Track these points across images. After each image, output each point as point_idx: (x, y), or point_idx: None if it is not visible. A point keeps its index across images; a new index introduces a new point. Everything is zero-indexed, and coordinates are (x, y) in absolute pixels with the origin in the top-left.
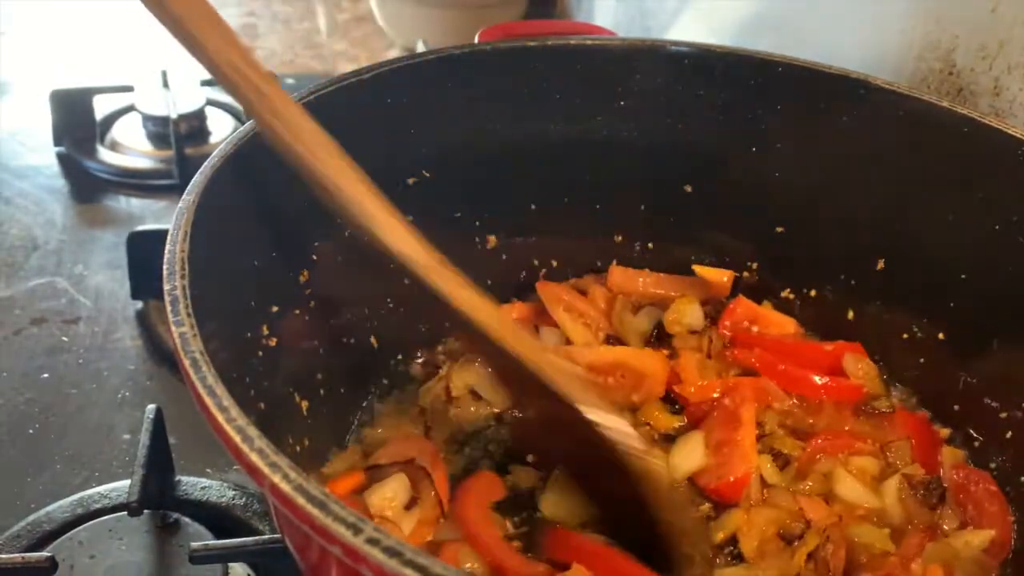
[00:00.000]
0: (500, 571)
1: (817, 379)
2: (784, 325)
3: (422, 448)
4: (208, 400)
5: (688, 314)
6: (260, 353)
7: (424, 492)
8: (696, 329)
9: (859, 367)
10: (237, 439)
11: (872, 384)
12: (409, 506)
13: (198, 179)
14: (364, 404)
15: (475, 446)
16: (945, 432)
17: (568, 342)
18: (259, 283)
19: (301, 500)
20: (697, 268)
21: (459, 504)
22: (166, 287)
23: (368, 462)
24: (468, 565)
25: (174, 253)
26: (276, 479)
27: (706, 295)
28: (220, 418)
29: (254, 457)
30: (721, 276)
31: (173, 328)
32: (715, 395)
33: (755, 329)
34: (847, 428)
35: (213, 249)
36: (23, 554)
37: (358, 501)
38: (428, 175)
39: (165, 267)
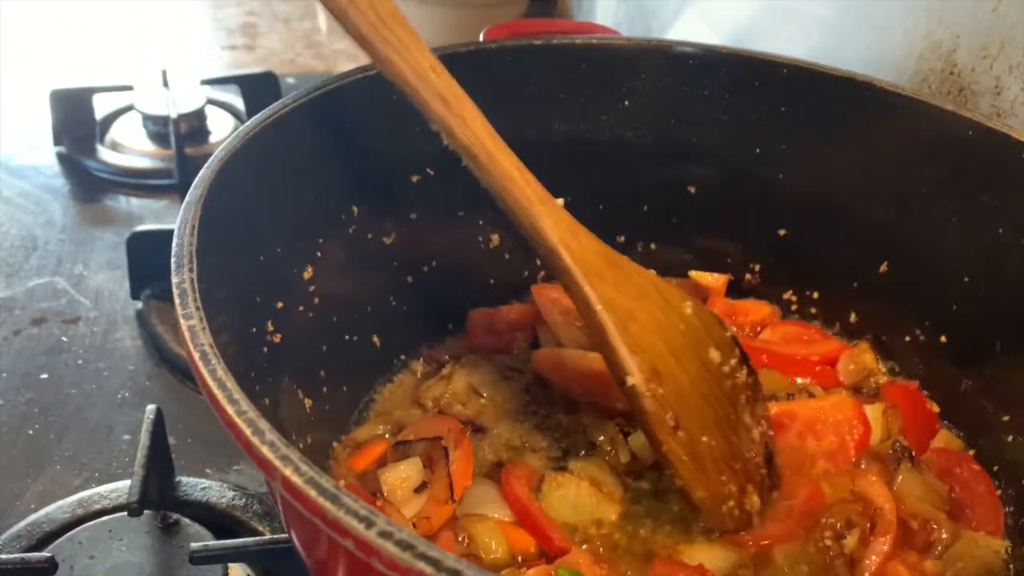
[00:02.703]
0: (547, 546)
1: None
2: (759, 309)
3: (451, 427)
4: (218, 393)
5: None
6: (265, 349)
7: (438, 474)
8: None
9: (851, 367)
10: (248, 432)
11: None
12: (419, 489)
13: (205, 173)
14: (366, 402)
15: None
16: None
17: (561, 344)
18: (264, 279)
19: (313, 493)
20: (693, 274)
21: (507, 485)
22: (174, 280)
23: (397, 437)
24: (492, 544)
25: (182, 246)
26: (288, 472)
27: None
28: (231, 411)
29: (265, 450)
30: (716, 280)
31: (182, 321)
32: None
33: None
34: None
35: (219, 244)
36: (23, 554)
37: (372, 475)
38: (432, 173)
39: (173, 260)
